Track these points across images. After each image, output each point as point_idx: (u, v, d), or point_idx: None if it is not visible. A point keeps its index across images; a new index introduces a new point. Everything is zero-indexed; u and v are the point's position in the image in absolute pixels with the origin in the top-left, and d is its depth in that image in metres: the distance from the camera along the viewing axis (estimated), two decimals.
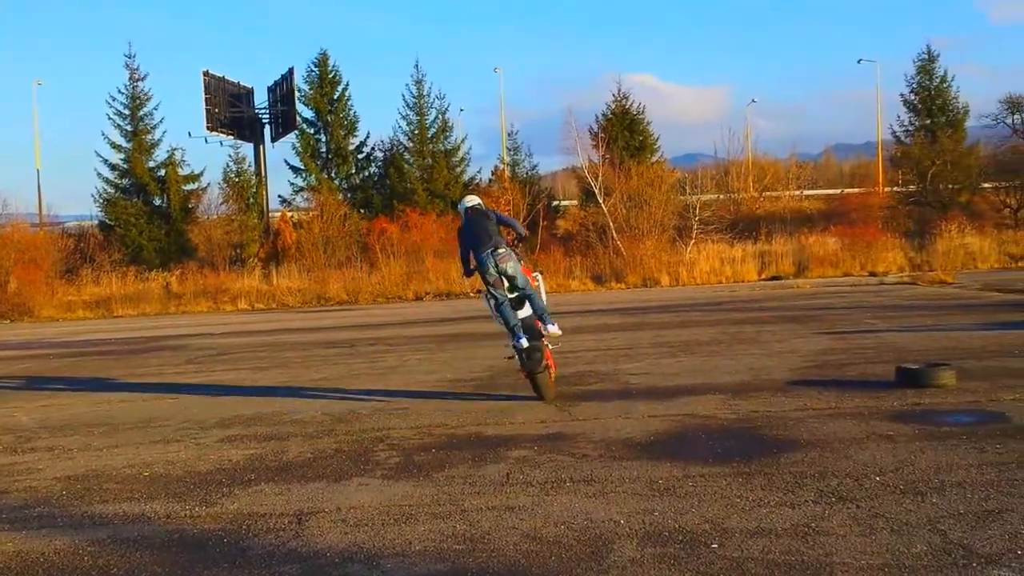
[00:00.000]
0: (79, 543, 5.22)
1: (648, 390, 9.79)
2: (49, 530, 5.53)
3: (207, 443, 8.12)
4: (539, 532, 5.08)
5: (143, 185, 46.15)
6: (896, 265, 33.05)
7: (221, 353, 16.77)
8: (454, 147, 48.60)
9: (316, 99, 48.22)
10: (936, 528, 4.82)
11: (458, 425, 8.35)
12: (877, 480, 5.77)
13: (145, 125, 46.80)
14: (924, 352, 11.32)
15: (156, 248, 44.78)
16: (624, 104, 47.18)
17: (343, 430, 8.37)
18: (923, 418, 7.53)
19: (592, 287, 34.03)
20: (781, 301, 22.09)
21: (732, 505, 5.42)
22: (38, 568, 4.83)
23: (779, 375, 10.25)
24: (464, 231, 9.59)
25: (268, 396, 10.83)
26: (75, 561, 4.91)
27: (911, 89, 47.15)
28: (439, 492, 6.01)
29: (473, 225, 9.48)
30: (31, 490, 6.60)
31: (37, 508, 6.07)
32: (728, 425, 7.74)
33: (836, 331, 14.45)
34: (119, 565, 4.82)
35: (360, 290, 34.94)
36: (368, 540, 5.06)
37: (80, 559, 4.93)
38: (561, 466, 6.56)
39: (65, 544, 5.20)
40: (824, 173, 72.80)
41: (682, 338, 14.69)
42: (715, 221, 38.60)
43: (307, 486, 6.33)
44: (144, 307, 35.66)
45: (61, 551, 5.09)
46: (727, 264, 34.55)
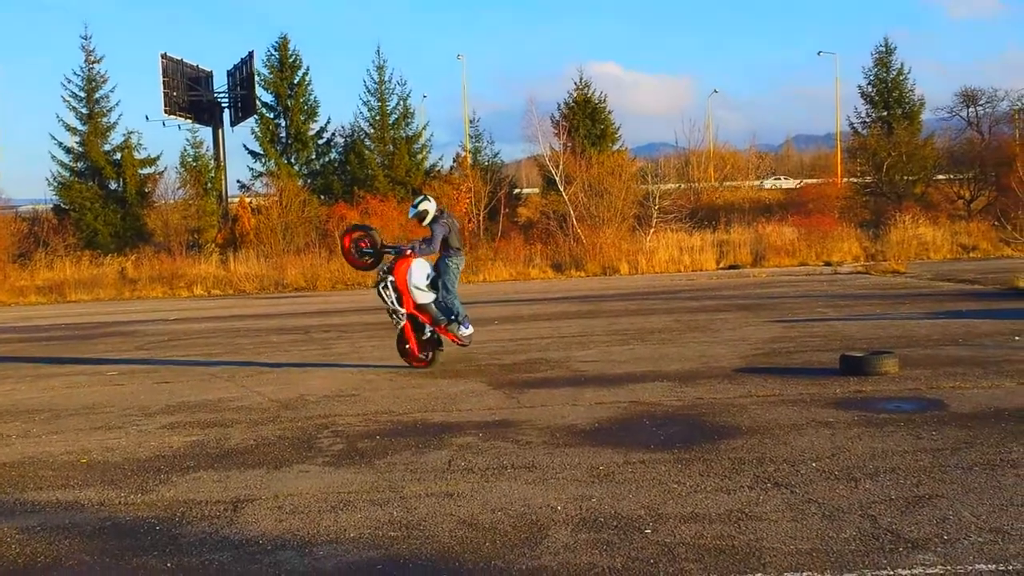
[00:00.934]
0: (7, 531, 5.13)
1: (597, 377, 9.83)
2: None
3: (149, 429, 8.03)
4: (476, 518, 5.08)
5: (98, 169, 45.45)
6: (851, 255, 33.37)
7: (172, 339, 16.60)
8: (416, 134, 48.34)
9: (276, 83, 47.71)
10: (867, 513, 4.88)
11: (404, 412, 8.33)
12: (813, 466, 5.83)
13: (101, 108, 46.06)
14: (871, 340, 11.46)
15: (111, 233, 44.14)
16: (586, 93, 47.18)
17: (288, 417, 8.32)
18: (863, 405, 7.62)
19: (552, 275, 34.04)
20: (736, 290, 22.25)
21: (669, 491, 5.45)
22: None
23: (727, 363, 10.33)
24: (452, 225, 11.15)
25: (215, 381, 10.73)
26: (2, 549, 4.83)
27: (868, 81, 47.58)
28: (379, 479, 5.99)
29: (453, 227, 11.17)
30: None
31: None
32: (673, 412, 7.79)
33: (787, 320, 14.58)
34: (46, 553, 4.75)
35: (319, 276, 34.68)
36: (303, 527, 5.03)
37: (7, 547, 4.86)
38: (503, 453, 6.56)
39: None
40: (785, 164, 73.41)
41: (636, 326, 14.75)
42: (675, 210, 38.73)
43: (246, 473, 6.29)
44: (98, 292, 35.15)
45: None
46: (686, 253, 34.68)
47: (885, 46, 47.40)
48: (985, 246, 33.66)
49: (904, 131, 44.77)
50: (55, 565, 4.59)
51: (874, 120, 47.20)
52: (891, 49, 47.34)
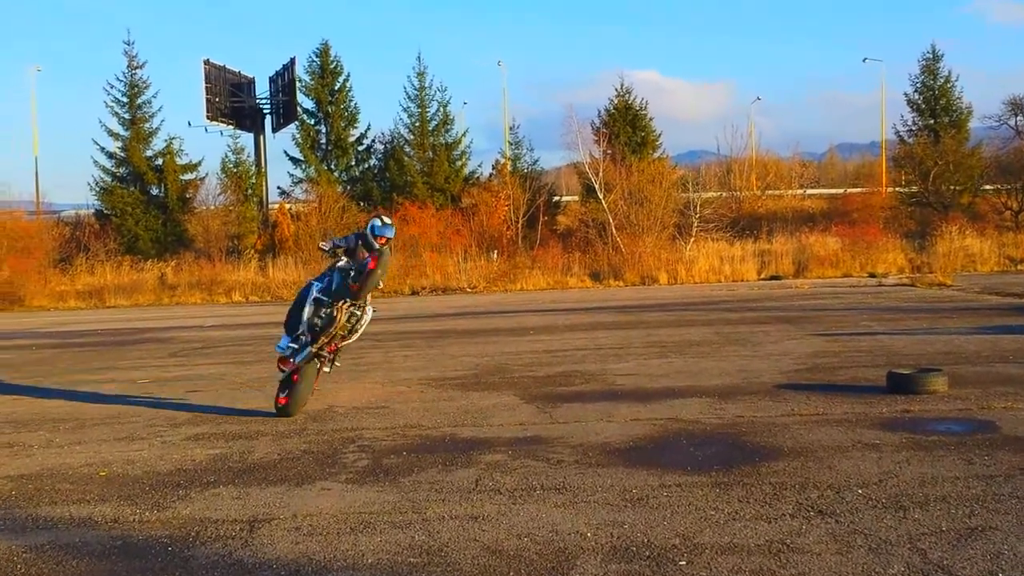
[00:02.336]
0: (16, 549, 4.97)
1: (634, 392, 9.54)
2: None
3: (173, 441, 7.87)
4: (501, 544, 4.84)
5: (140, 174, 45.85)
6: (896, 266, 32.73)
7: (206, 346, 16.52)
8: (455, 141, 48.28)
9: (317, 90, 47.90)
10: (916, 547, 4.57)
11: (434, 426, 8.10)
12: (859, 493, 5.52)
13: (143, 114, 46.48)
14: (918, 356, 11.05)
15: (152, 238, 44.50)
16: (627, 99, 46.82)
17: (315, 429, 8.12)
18: (911, 426, 7.27)
19: (590, 284, 33.71)
20: (778, 301, 21.81)
21: (706, 518, 5.17)
22: None
23: (769, 378, 10.00)
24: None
25: (245, 391, 10.59)
26: (7, 568, 4.66)
27: (915, 89, 46.79)
28: (403, 499, 5.76)
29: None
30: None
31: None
32: (712, 431, 7.49)
33: (831, 333, 14.18)
34: (52, 574, 4.57)
35: None
36: (319, 550, 4.81)
37: (13, 567, 4.68)
38: (533, 472, 6.31)
39: (1, 550, 4.95)
40: (828, 172, 72.59)
41: (674, 338, 14.43)
42: (716, 219, 38.25)
43: (267, 490, 6.08)
44: (137, 298, 35.40)
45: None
46: (726, 263, 34.19)
47: (932, 53, 46.62)
48: None
49: (951, 140, 43.93)
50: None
51: (920, 128, 46.40)
52: (938, 56, 46.56)
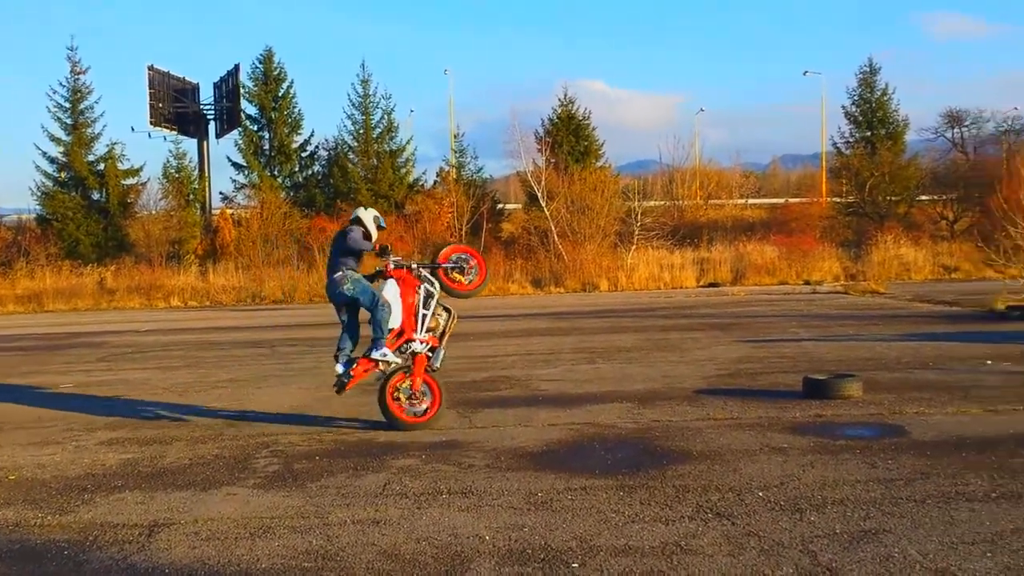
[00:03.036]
0: None
1: (556, 397, 9.58)
2: None
3: (87, 445, 7.75)
4: (398, 549, 4.83)
5: (82, 179, 45.07)
6: (831, 274, 33.23)
7: (137, 351, 16.29)
8: (400, 148, 48.06)
9: (261, 96, 47.46)
10: (807, 549, 4.65)
11: (351, 431, 8.08)
12: (759, 495, 5.60)
13: (86, 119, 45.67)
14: (840, 362, 11.24)
15: (93, 243, 43.73)
16: (570, 109, 47.00)
17: (231, 435, 8.04)
18: (821, 431, 7.39)
19: (531, 291, 33.79)
20: (713, 308, 22.04)
21: (606, 520, 5.21)
22: None
23: (691, 383, 10.10)
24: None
25: (168, 396, 10.45)
26: None
27: (852, 101, 47.56)
28: (307, 503, 5.73)
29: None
30: None
31: None
32: (626, 435, 7.55)
33: (758, 339, 14.37)
34: None
35: (296, 289, 34.36)
36: (215, 555, 4.77)
37: None
38: (442, 476, 6.31)
39: None
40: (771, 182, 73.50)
41: (605, 344, 14.51)
42: (657, 227, 38.59)
43: (172, 495, 6.01)
44: (76, 302, 34.79)
45: None
46: (666, 270, 34.49)
47: (869, 66, 47.44)
48: (967, 267, 33.54)
49: (887, 151, 44.75)
50: None
51: (858, 140, 47.19)
52: (875, 69, 47.39)
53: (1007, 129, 49.99)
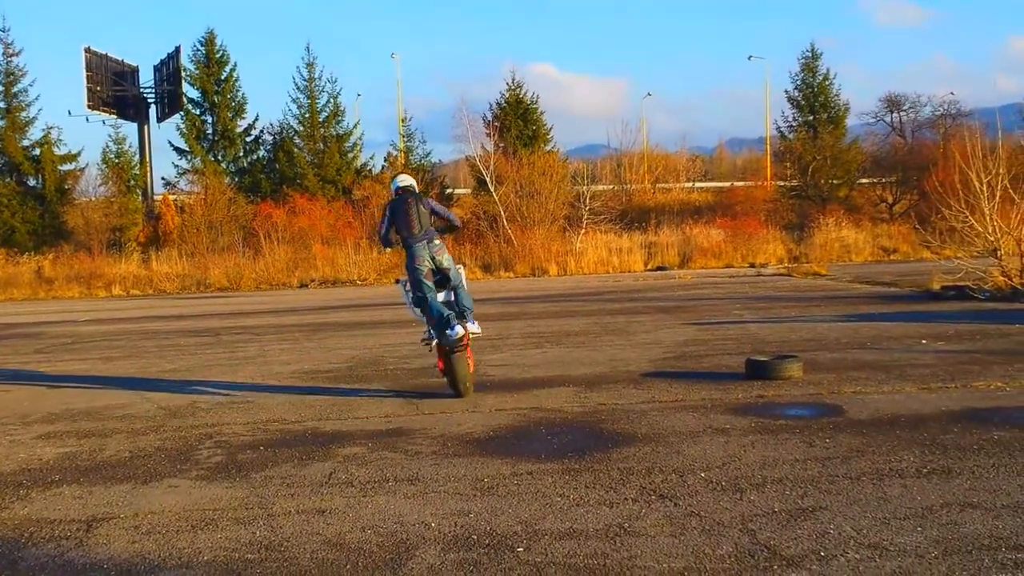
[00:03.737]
0: None
1: (503, 382, 9.60)
2: None
3: (22, 439, 7.61)
4: (343, 538, 4.81)
5: (16, 165, 44.08)
6: (776, 257, 33.73)
7: (76, 341, 16.02)
8: (346, 132, 47.73)
9: (203, 79, 46.77)
10: (747, 528, 4.71)
11: (297, 420, 8.02)
12: (702, 476, 5.66)
13: (19, 102, 44.68)
14: (782, 344, 11.41)
15: (29, 230, 42.82)
16: (518, 93, 46.99)
17: (173, 426, 7.94)
18: (762, 411, 7.50)
19: (481, 276, 33.80)
20: (660, 292, 22.23)
21: (551, 505, 5.24)
22: None
23: (637, 367, 10.18)
24: (395, 209, 8.94)
25: (107, 388, 10.30)
26: None
27: (795, 86, 48.19)
28: (251, 494, 5.68)
29: (405, 207, 8.83)
30: None
31: None
32: (572, 419, 7.59)
33: (704, 322, 14.52)
34: None
35: (243, 276, 34.06)
36: (155, 549, 4.71)
37: None
38: (389, 464, 6.30)
39: None
40: (717, 166, 74.21)
41: (553, 328, 14.58)
42: (605, 212, 38.80)
43: (111, 489, 5.93)
44: (12, 292, 34.11)
45: None
46: (615, 254, 34.74)
47: (811, 52, 48.05)
48: (905, 249, 34.26)
49: (829, 135, 45.47)
50: None
51: (800, 124, 47.85)
52: (817, 55, 48.02)
53: (943, 113, 51.08)
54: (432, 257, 8.72)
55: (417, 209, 8.79)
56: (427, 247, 8.70)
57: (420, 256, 8.69)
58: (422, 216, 8.79)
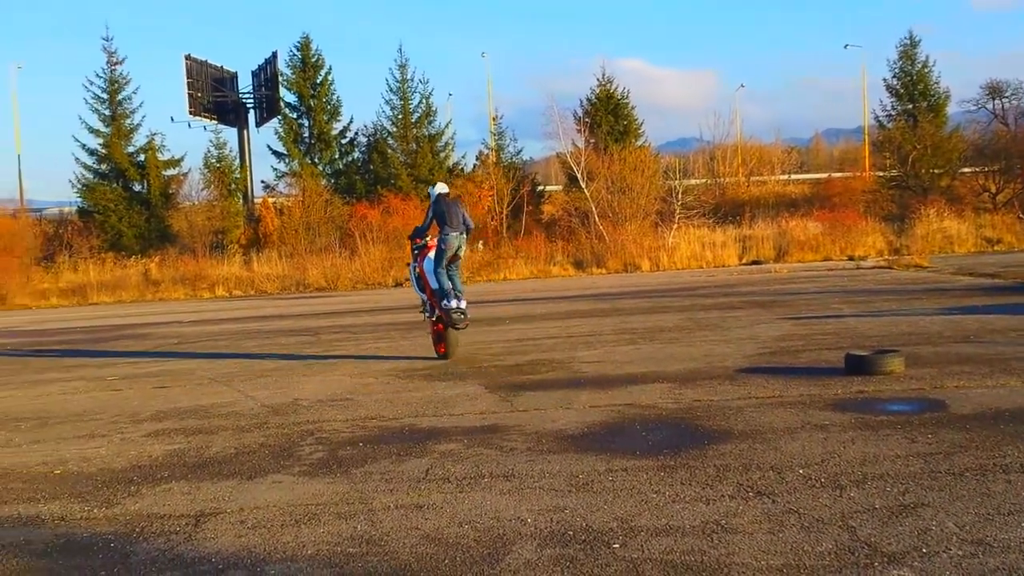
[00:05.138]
0: None
1: (597, 379, 9.60)
2: None
3: (133, 437, 7.91)
4: (441, 533, 4.89)
5: (122, 171, 45.74)
6: (875, 249, 32.92)
7: (182, 342, 16.55)
8: (438, 132, 48.28)
9: (299, 83, 47.81)
10: (847, 525, 4.64)
11: (394, 417, 8.15)
12: (800, 473, 5.59)
13: (124, 110, 46.36)
14: (882, 338, 11.15)
15: (136, 234, 44.39)
16: (608, 88, 46.86)
17: (276, 423, 8.16)
18: (862, 407, 7.35)
19: (573, 272, 33.80)
20: (755, 286, 21.92)
21: (646, 501, 5.23)
22: None
23: (732, 362, 10.07)
24: (439, 209, 11.81)
25: (212, 386, 10.63)
26: None
27: (893, 74, 47.03)
28: (351, 490, 5.81)
29: (447, 207, 11.79)
30: None
31: None
32: (667, 415, 7.56)
33: (800, 316, 14.28)
34: None
35: (339, 276, 34.67)
36: (260, 543, 4.86)
37: None
38: (484, 460, 6.37)
39: None
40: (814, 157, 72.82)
41: (647, 325, 14.51)
42: (698, 206, 38.39)
43: (218, 484, 6.13)
44: (121, 294, 35.39)
45: None
46: (708, 249, 34.34)
47: (910, 39, 46.81)
48: (1009, 239, 33.14)
49: (929, 124, 44.24)
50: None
51: (899, 113, 46.64)
52: (915, 42, 46.79)
53: None
54: (459, 245, 11.78)
55: (456, 209, 11.87)
56: (458, 237, 11.72)
57: (451, 241, 11.66)
58: (459, 215, 11.83)
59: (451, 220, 11.68)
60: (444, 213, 11.73)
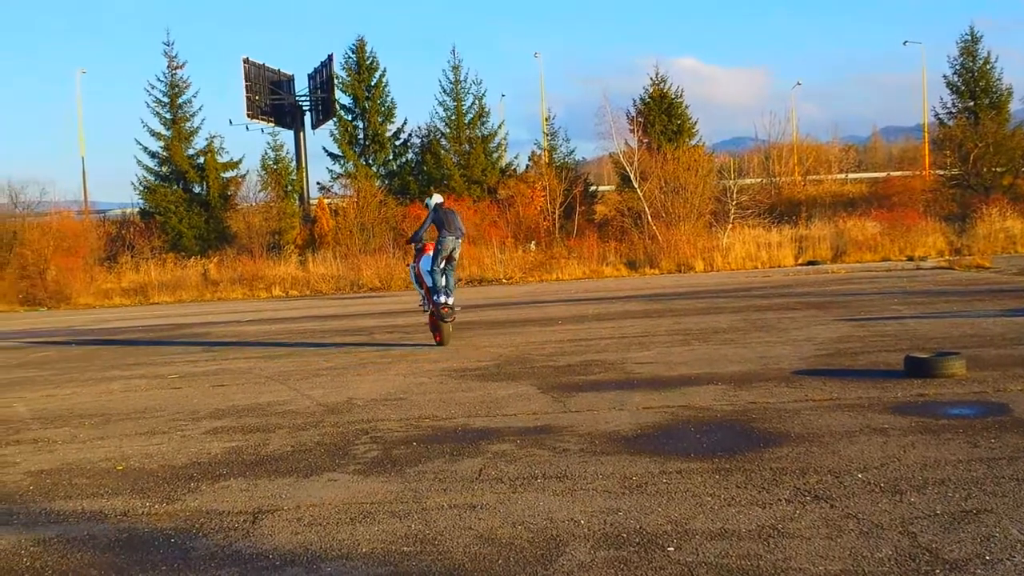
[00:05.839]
0: (24, 543, 5.12)
1: (650, 380, 9.55)
2: (1, 529, 5.45)
3: (192, 435, 8.03)
4: (494, 533, 4.90)
5: (182, 173, 46.58)
6: (936, 249, 32.34)
7: (240, 341, 16.78)
8: (491, 133, 48.42)
9: (354, 86, 48.24)
10: (907, 530, 4.56)
11: (447, 417, 8.19)
12: (859, 477, 5.51)
13: (184, 113, 47.20)
14: (942, 340, 10.95)
15: (195, 235, 45.18)
16: (662, 88, 46.59)
17: (331, 422, 8.24)
18: (923, 410, 7.22)
19: (625, 273, 33.68)
20: (812, 287, 21.65)
21: (701, 504, 5.19)
22: None
23: (788, 364, 9.96)
24: (438, 216, 13.56)
25: (270, 385, 10.76)
26: (13, 562, 4.80)
27: (954, 71, 46.14)
28: (405, 489, 5.84)
29: (444, 214, 13.58)
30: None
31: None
32: (722, 417, 7.50)
33: (858, 318, 14.07)
34: (55, 567, 4.70)
35: (393, 276, 34.91)
36: (316, 541, 4.91)
37: (19, 560, 4.83)
38: (537, 461, 6.36)
39: (10, 544, 5.11)
40: (872, 156, 71.71)
41: (700, 325, 14.40)
42: (753, 206, 38.01)
43: (275, 482, 6.20)
44: (181, 294, 36.01)
45: (3, 552, 4.98)
46: (763, 249, 33.99)
47: (971, 34, 45.88)
48: None
49: (991, 121, 43.31)
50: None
51: (960, 110, 45.75)
52: (976, 38, 45.87)
53: None
54: (455, 247, 13.50)
55: (453, 217, 13.64)
56: (455, 240, 13.43)
57: (448, 244, 13.38)
58: (455, 221, 13.55)
59: (449, 226, 13.44)
60: (443, 220, 13.47)
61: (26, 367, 14.61)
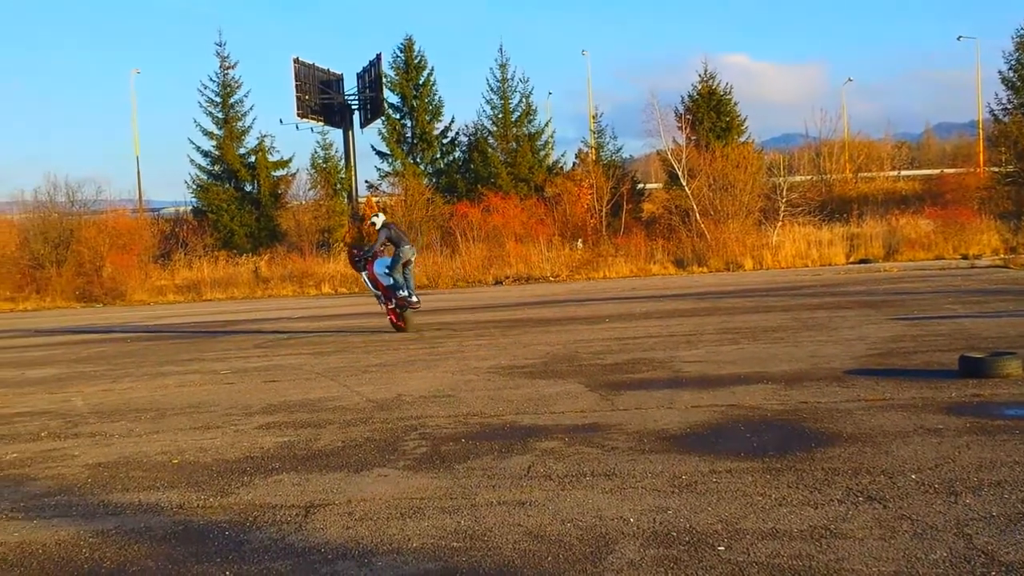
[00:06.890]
0: (83, 534, 5.23)
1: (699, 378, 9.50)
2: (60, 520, 5.56)
3: (246, 429, 8.15)
4: (543, 530, 4.91)
5: (234, 171, 47.20)
6: (990, 247, 31.80)
7: (291, 337, 16.97)
8: (538, 131, 48.46)
9: (402, 84, 48.56)
10: (962, 532, 4.50)
11: (495, 414, 8.21)
12: (913, 478, 5.44)
13: (236, 112, 47.83)
14: (998, 340, 10.76)
15: (246, 233, 45.76)
16: (711, 84, 46.28)
17: (381, 418, 8.31)
18: (978, 411, 7.11)
19: (673, 271, 33.52)
20: (863, 285, 21.38)
21: (752, 504, 5.16)
22: (33, 560, 4.84)
23: (839, 364, 9.85)
24: (391, 233, 16.14)
25: (320, 380, 10.88)
26: (72, 553, 4.91)
27: (1010, 67, 45.29)
28: (455, 485, 5.88)
29: (395, 230, 16.37)
30: (58, 478, 6.68)
31: (57, 496, 6.13)
32: (772, 417, 7.44)
33: (911, 317, 13.88)
34: (113, 558, 4.80)
35: (440, 274, 35.10)
36: (368, 535, 4.96)
37: (78, 551, 4.94)
38: (586, 459, 6.36)
39: (69, 535, 5.23)
40: (925, 153, 70.56)
41: (750, 324, 14.29)
42: (803, 203, 37.62)
43: (326, 476, 6.27)
44: (233, 291, 36.50)
45: (63, 542, 5.10)
46: (814, 247, 33.65)
47: None
48: None
49: None
50: (118, 570, 4.63)
51: (1016, 107, 44.88)
52: None
53: None
54: (413, 254, 16.26)
55: (402, 231, 16.55)
56: (411, 250, 16.18)
57: (407, 253, 16.01)
58: (406, 234, 16.41)
59: (404, 239, 16.18)
60: (397, 235, 16.07)
61: (84, 362, 14.91)
